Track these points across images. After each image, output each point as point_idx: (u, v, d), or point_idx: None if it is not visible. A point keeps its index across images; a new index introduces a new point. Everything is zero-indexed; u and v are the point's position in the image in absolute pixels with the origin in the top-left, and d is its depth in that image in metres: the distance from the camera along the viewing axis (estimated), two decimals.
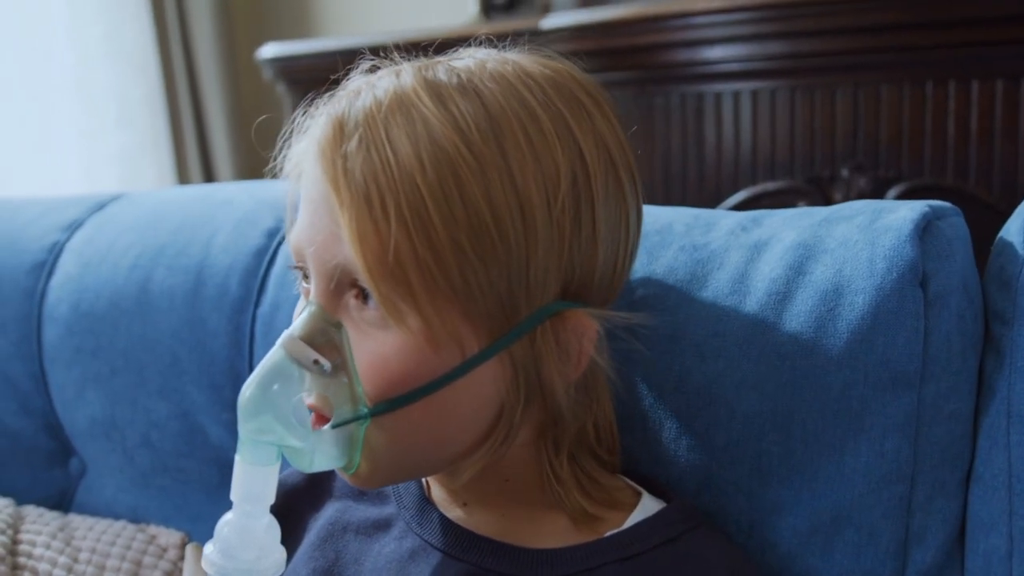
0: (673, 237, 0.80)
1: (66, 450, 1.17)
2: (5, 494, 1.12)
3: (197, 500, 1.07)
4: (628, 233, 0.66)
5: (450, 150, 0.57)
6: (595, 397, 0.69)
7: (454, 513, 0.68)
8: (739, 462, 0.71)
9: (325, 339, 0.61)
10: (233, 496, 0.61)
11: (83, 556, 1.01)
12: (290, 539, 0.72)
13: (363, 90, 0.61)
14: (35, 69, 2.16)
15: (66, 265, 1.15)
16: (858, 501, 0.68)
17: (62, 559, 1.00)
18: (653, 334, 0.75)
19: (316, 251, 0.61)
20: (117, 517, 1.09)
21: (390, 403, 0.60)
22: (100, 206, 1.21)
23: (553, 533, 0.66)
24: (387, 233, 0.57)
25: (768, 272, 0.74)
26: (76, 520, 1.08)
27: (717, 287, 0.75)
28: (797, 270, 0.73)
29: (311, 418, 0.61)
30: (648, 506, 0.68)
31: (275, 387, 0.60)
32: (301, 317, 0.62)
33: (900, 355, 0.67)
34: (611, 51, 1.53)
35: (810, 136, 1.38)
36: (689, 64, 1.45)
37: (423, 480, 0.71)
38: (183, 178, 2.59)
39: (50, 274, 1.15)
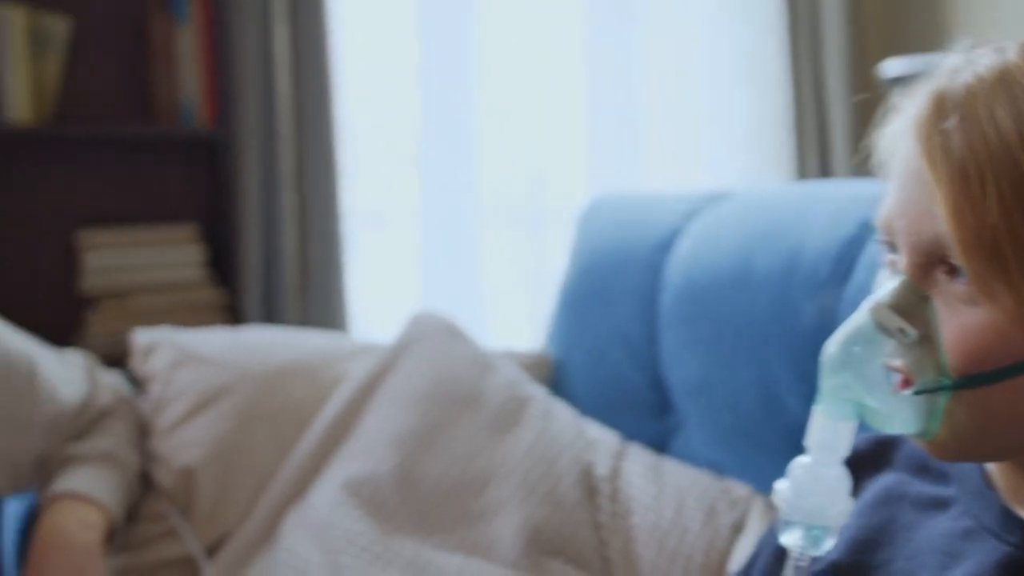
0: None
1: (665, 404, 1.35)
2: None
3: (766, 465, 1.16)
4: None
5: None
6: None
7: (1015, 502, 0.67)
8: None
9: (911, 309, 0.62)
10: (808, 443, 0.64)
11: (668, 491, 1.18)
12: None
13: (963, 67, 0.62)
14: (679, 99, 2.44)
15: (681, 245, 1.33)
16: None
17: (651, 488, 1.18)
18: None
19: (907, 225, 0.63)
20: (698, 467, 1.24)
21: (973, 379, 0.60)
22: (713, 199, 1.38)
23: None
24: (983, 210, 0.57)
25: None
26: (666, 462, 1.25)
27: None
28: None
29: (896, 382, 0.63)
30: None
31: (856, 348, 0.63)
32: (890, 286, 0.63)
33: None
34: None
35: None
36: None
37: (983, 467, 0.71)
38: None
39: (668, 250, 1.34)
